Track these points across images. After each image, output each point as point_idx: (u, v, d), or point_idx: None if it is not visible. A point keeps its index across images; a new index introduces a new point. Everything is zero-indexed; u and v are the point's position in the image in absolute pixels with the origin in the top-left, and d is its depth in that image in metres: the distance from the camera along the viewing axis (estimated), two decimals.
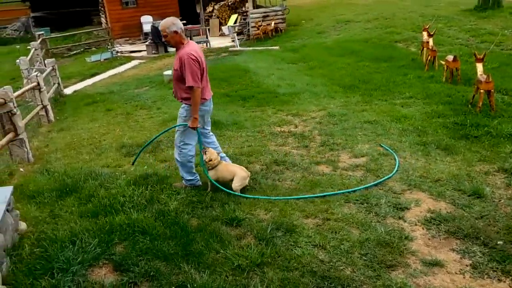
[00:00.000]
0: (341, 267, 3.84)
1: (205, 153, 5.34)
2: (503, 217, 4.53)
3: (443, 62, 10.01)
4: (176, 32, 5.02)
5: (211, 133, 5.72)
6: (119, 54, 21.44)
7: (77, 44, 25.36)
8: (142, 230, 4.41)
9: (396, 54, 13.18)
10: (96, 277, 3.77)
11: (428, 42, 11.11)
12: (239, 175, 5.26)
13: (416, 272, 3.76)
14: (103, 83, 15.95)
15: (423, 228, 4.45)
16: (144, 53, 20.86)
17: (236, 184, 5.21)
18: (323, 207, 4.89)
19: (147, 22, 23.67)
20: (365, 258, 3.95)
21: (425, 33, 11.48)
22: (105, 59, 20.73)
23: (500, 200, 4.91)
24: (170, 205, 4.99)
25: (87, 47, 25.00)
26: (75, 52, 24.40)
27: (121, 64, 19.38)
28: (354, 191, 5.26)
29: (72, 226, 4.52)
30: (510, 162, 5.78)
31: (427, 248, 4.12)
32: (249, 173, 5.43)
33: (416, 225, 4.52)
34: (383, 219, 4.63)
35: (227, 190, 5.21)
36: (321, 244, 4.18)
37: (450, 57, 9.61)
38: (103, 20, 29.18)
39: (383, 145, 6.60)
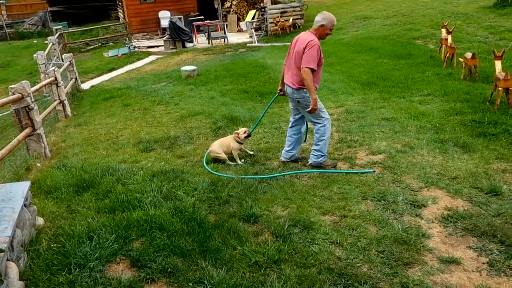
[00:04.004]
0: (358, 264, 3.84)
1: None
2: None
3: (461, 60, 9.87)
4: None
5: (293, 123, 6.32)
6: (136, 49, 21.53)
7: (94, 39, 25.55)
8: (160, 226, 4.43)
9: (414, 51, 13.03)
10: (113, 273, 3.79)
11: (447, 39, 10.96)
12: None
13: (433, 270, 3.75)
14: (120, 78, 16.04)
15: (440, 226, 4.43)
16: (161, 49, 20.95)
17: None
18: (341, 204, 4.89)
19: (165, 17, 23.78)
20: (382, 256, 3.95)
21: (444, 30, 11.35)
22: (122, 54, 20.85)
23: None
24: (187, 201, 5.00)
25: (105, 42, 25.14)
26: (92, 47, 24.58)
27: (138, 59, 19.48)
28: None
29: (89, 222, 4.54)
30: None
31: (444, 246, 4.10)
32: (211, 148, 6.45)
33: (433, 222, 4.50)
34: (400, 217, 4.61)
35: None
36: (338, 241, 4.18)
37: (468, 55, 9.47)
38: (120, 14, 29.37)
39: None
